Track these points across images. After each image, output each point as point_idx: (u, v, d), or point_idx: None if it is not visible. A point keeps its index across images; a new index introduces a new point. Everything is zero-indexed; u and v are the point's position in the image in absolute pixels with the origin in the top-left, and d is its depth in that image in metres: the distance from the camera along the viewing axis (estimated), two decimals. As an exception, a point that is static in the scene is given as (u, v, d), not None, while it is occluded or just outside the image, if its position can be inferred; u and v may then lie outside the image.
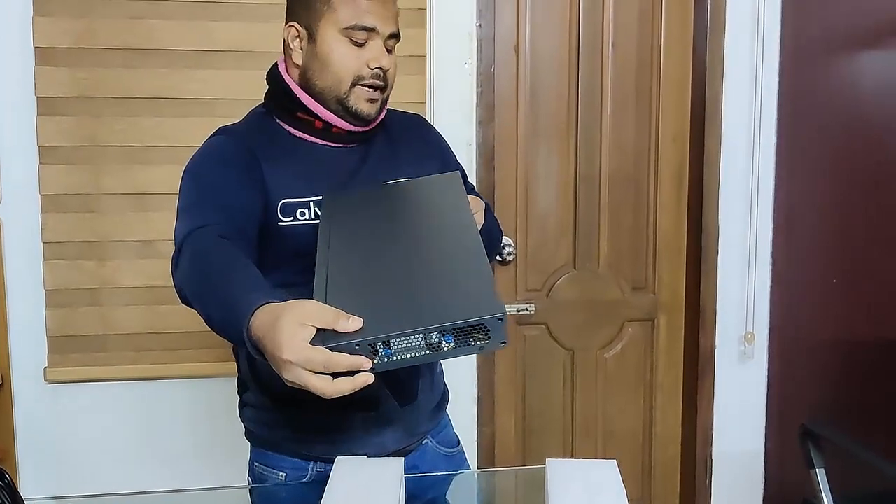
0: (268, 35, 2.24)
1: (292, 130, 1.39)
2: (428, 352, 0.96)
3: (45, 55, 2.21)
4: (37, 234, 2.26)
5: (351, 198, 1.33)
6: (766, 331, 2.71)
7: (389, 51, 1.37)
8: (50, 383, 2.30)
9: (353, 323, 0.95)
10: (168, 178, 2.24)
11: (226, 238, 1.16)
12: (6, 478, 1.08)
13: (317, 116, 1.37)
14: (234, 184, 1.28)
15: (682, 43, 2.64)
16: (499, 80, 2.53)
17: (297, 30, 1.36)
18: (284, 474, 1.44)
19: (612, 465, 1.22)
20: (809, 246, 2.53)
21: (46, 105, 2.22)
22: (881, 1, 2.21)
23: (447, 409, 1.60)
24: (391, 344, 0.95)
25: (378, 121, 1.43)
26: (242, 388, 1.51)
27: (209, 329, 1.10)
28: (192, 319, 1.25)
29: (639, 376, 2.74)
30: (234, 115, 1.49)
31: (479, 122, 2.46)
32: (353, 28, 1.31)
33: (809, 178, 2.52)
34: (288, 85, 1.38)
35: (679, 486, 2.81)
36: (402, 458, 1.30)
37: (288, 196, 1.32)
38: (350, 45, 1.32)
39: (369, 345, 0.94)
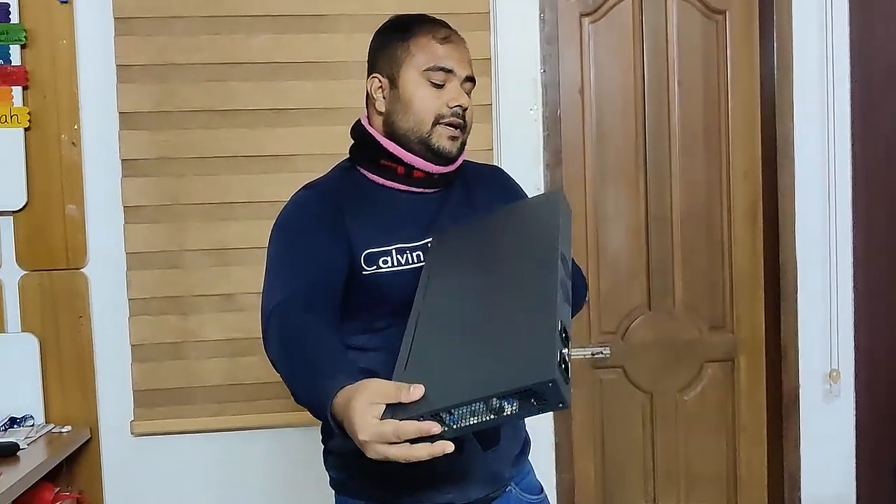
0: (341, 92, 2.34)
1: (376, 179, 1.44)
2: (493, 416, 0.98)
3: (128, 120, 2.32)
4: (122, 291, 2.33)
5: (457, 232, 1.39)
6: (852, 368, 2.62)
7: (466, 94, 1.43)
8: (137, 436, 2.35)
9: (415, 391, 1.00)
10: (247, 234, 2.32)
11: (311, 309, 1.24)
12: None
13: (399, 161, 1.42)
14: (321, 243, 1.34)
15: (748, 78, 2.62)
16: (565, 123, 2.55)
17: (380, 80, 1.44)
18: None
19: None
20: (892, 278, 2.45)
21: (130, 167, 2.32)
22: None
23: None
24: (454, 412, 0.98)
25: (459, 163, 1.47)
26: (327, 436, 1.52)
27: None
28: (272, 370, 1.29)
29: (720, 418, 2.67)
30: (313, 170, 1.54)
31: (547, 166, 2.48)
32: (431, 69, 1.39)
33: (888, 210, 2.46)
34: (371, 134, 1.44)
35: (768, 532, 2.72)
36: (488, 506, 1.30)
37: (371, 246, 1.37)
38: (430, 86, 1.40)
39: (434, 414, 0.98)
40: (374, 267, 1.36)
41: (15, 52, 2.25)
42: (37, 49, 2.27)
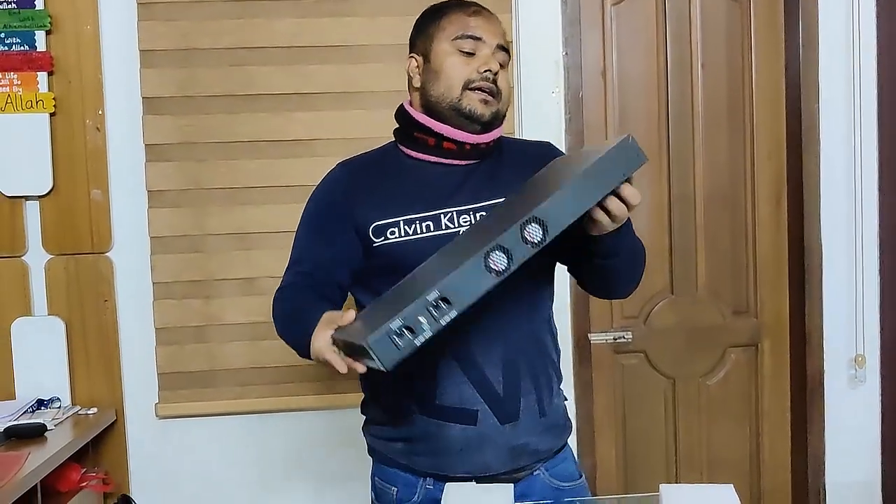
0: (362, 75, 2.34)
1: (410, 153, 1.51)
2: (369, 359, 1.15)
3: (151, 105, 2.33)
4: (146, 275, 2.35)
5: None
6: (878, 353, 2.59)
7: (500, 65, 1.48)
8: (161, 418, 2.38)
9: (346, 317, 1.25)
10: (269, 218, 2.33)
11: (310, 289, 1.45)
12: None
13: (430, 133, 1.47)
14: (333, 233, 1.49)
15: (773, 60, 2.59)
16: (587, 106, 2.53)
17: (416, 59, 1.52)
18: (396, 489, 1.51)
19: (730, 489, 1.19)
20: (920, 262, 2.42)
21: (154, 152, 2.34)
22: None
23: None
24: (351, 345, 1.19)
25: (492, 136, 1.49)
26: (364, 407, 1.60)
27: (309, 362, 1.32)
28: (293, 354, 1.36)
29: (744, 404, 2.66)
30: (334, 154, 1.58)
31: (569, 149, 2.46)
32: (460, 37, 1.45)
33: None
34: (406, 110, 1.52)
35: (791, 518, 2.70)
36: (511, 486, 1.30)
37: (378, 219, 1.45)
38: (460, 54, 1.46)
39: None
40: (383, 238, 1.45)
41: (40, 37, 2.27)
42: (61, 35, 2.29)
